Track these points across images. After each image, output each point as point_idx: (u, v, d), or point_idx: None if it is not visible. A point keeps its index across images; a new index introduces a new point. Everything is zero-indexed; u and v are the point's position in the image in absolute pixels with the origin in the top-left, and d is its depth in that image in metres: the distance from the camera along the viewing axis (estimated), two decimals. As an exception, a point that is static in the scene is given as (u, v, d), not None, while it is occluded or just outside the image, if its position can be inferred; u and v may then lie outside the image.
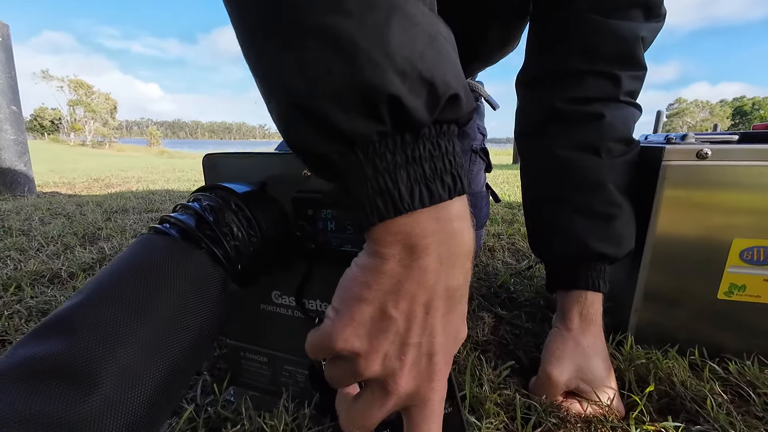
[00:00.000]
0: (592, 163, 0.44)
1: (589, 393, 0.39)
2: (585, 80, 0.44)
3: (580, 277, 0.44)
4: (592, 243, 0.43)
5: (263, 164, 0.37)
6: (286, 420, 0.33)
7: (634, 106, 0.45)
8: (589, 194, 0.44)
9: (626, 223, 0.44)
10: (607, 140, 0.43)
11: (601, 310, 0.44)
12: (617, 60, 0.43)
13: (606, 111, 0.43)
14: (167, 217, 0.29)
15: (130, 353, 0.22)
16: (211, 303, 0.28)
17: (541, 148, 0.48)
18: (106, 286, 0.24)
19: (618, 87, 0.43)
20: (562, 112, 0.45)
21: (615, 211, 0.43)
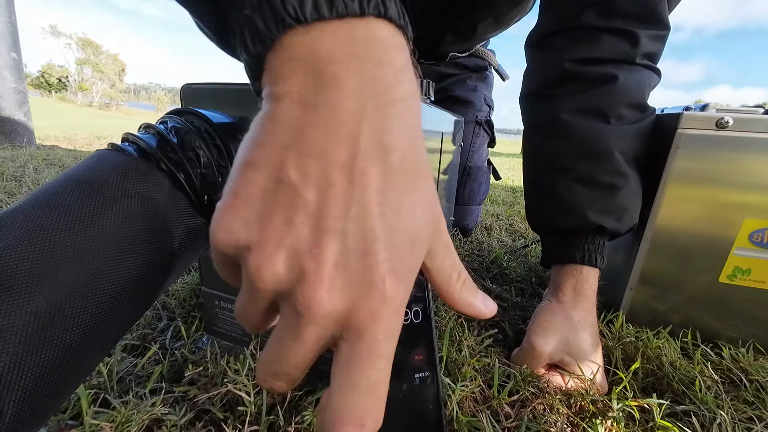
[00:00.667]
0: (599, 130, 0.40)
1: (573, 366, 0.37)
2: (599, 39, 0.40)
3: (576, 250, 0.42)
4: (592, 214, 0.40)
5: (246, 97, 0.34)
6: (251, 365, 0.31)
7: (653, 70, 0.41)
8: (593, 163, 0.40)
9: (631, 196, 0.41)
10: (618, 105, 0.39)
11: (596, 286, 0.42)
12: (636, 16, 0.38)
13: (620, 73, 0.39)
14: (127, 135, 0.27)
15: (68, 268, 0.20)
16: (168, 233, 0.25)
17: (545, 112, 0.44)
18: (46, 195, 0.22)
19: (635, 47, 0.39)
20: (571, 74, 0.41)
21: (620, 182, 0.40)
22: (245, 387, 0.29)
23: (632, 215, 0.42)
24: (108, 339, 0.23)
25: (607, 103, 0.40)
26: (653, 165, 0.43)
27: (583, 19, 0.40)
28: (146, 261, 0.24)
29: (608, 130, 0.40)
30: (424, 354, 0.32)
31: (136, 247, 0.23)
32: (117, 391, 0.31)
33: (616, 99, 0.39)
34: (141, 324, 0.42)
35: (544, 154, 0.45)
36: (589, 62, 0.40)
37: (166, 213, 0.25)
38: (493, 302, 0.20)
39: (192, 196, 0.27)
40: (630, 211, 0.41)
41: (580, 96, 0.41)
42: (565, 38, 0.42)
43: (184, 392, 0.31)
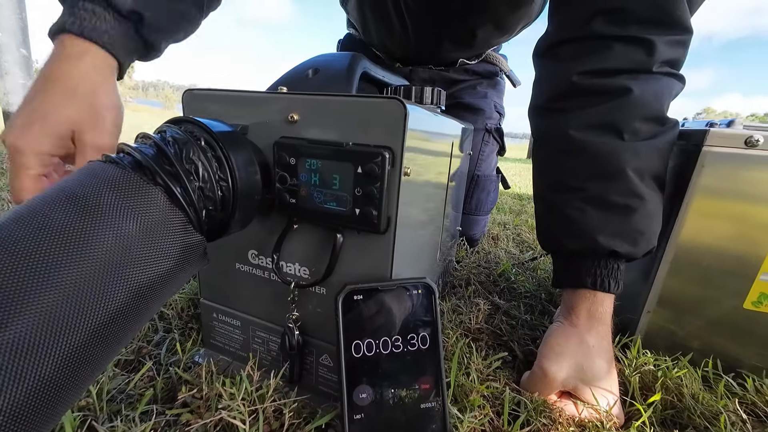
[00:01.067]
0: (612, 147, 0.37)
1: (587, 394, 0.35)
2: (610, 48, 0.37)
3: (587, 275, 0.39)
4: (603, 238, 0.38)
5: (247, 103, 0.33)
6: (248, 389, 0.30)
7: (674, 77, 0.38)
8: (604, 182, 0.38)
9: (648, 218, 0.38)
10: (632, 119, 0.37)
11: (611, 309, 0.40)
12: (652, 21, 0.35)
13: (634, 85, 0.36)
14: (122, 146, 0.25)
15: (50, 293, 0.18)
16: (163, 252, 0.24)
17: (554, 127, 0.41)
18: (32, 211, 0.20)
19: (651, 55, 0.36)
20: (581, 88, 0.39)
21: (634, 203, 0.37)
22: (241, 415, 0.28)
23: (649, 238, 0.39)
24: (94, 368, 0.21)
25: (621, 117, 0.37)
26: (676, 181, 0.41)
27: (592, 28, 0.38)
28: (138, 284, 0.22)
29: (622, 147, 0.37)
30: (431, 383, 0.30)
31: (129, 270, 0.21)
32: (106, 413, 0.30)
33: (630, 113, 0.37)
34: (136, 337, 0.41)
35: (553, 172, 0.42)
36: (599, 74, 0.38)
37: (161, 231, 0.23)
38: None
39: (189, 211, 0.25)
40: (646, 234, 0.38)
41: (591, 111, 0.38)
42: (574, 48, 0.40)
43: (176, 416, 0.30)
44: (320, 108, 0.30)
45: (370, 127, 0.28)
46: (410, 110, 0.28)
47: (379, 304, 0.30)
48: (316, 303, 0.35)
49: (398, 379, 0.29)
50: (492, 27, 0.69)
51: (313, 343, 0.36)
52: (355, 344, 0.29)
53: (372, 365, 0.29)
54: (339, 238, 0.31)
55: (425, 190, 0.37)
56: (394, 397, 0.29)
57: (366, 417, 0.28)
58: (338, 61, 0.39)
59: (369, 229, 0.29)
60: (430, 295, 0.31)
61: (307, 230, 0.33)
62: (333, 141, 0.29)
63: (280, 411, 0.31)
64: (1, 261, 0.18)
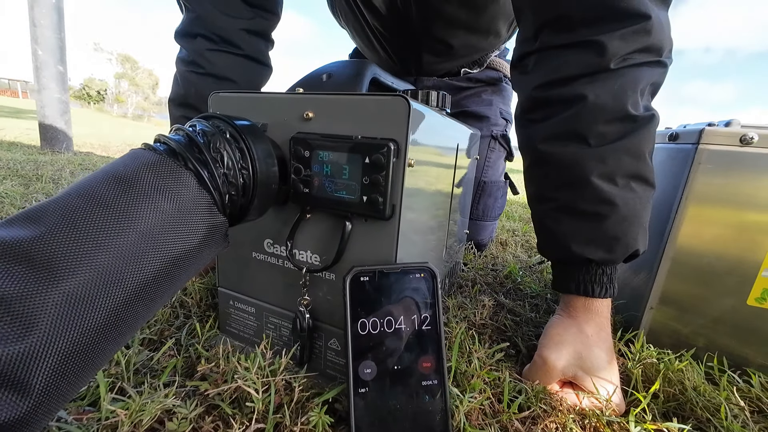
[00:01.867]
0: (575, 156, 0.37)
1: (587, 383, 0.36)
2: (559, 57, 0.37)
3: (571, 281, 0.40)
4: (576, 246, 0.38)
5: (267, 103, 0.36)
6: (261, 364, 0.32)
7: (645, 65, 0.36)
8: (572, 191, 0.38)
9: (623, 222, 0.37)
10: (594, 124, 0.36)
11: (608, 302, 0.40)
12: (598, 20, 0.34)
13: (589, 90, 0.35)
14: (159, 136, 0.29)
15: (101, 255, 0.21)
16: (192, 229, 0.27)
17: (526, 140, 0.42)
18: (85, 186, 0.23)
19: (603, 55, 0.35)
20: (539, 101, 0.39)
21: (604, 210, 0.36)
22: (254, 384, 0.30)
23: (627, 243, 0.37)
24: (129, 327, 0.24)
25: (581, 125, 0.36)
26: (673, 180, 0.42)
27: (542, 40, 0.38)
28: (171, 255, 0.25)
29: (586, 155, 0.36)
30: (432, 361, 0.32)
31: (163, 241, 0.24)
32: (133, 382, 0.32)
33: (590, 118, 0.36)
34: (159, 320, 0.44)
35: (532, 183, 0.44)
36: (554, 85, 0.38)
37: (191, 209, 0.26)
38: None
39: (215, 194, 0.28)
40: (623, 240, 0.37)
41: (553, 121, 0.38)
42: (533, 61, 0.40)
43: (195, 387, 0.32)
44: (333, 106, 0.33)
45: (377, 122, 0.31)
46: (414, 106, 0.30)
47: (383, 285, 0.32)
48: (326, 289, 0.37)
49: (401, 357, 0.31)
50: (464, 32, 0.71)
51: (322, 328, 0.38)
52: (360, 322, 0.31)
53: (376, 343, 0.31)
54: (347, 226, 0.34)
55: (429, 182, 0.40)
56: (397, 373, 0.31)
57: (370, 391, 0.30)
58: (349, 67, 0.43)
59: (375, 215, 0.32)
60: (432, 278, 0.33)
61: (319, 220, 0.36)
62: (344, 135, 0.32)
63: (290, 387, 0.33)
64: (65, 228, 0.21)
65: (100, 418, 0.27)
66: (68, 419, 0.26)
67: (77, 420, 0.26)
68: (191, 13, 0.59)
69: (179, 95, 0.63)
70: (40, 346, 0.18)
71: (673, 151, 0.44)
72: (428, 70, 0.82)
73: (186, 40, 0.61)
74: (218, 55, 0.60)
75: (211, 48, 0.60)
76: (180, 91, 0.63)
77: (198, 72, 0.61)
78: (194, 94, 0.61)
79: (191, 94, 0.62)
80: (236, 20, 0.59)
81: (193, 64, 0.61)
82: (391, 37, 0.75)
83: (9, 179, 1.14)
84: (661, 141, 0.47)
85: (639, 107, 0.36)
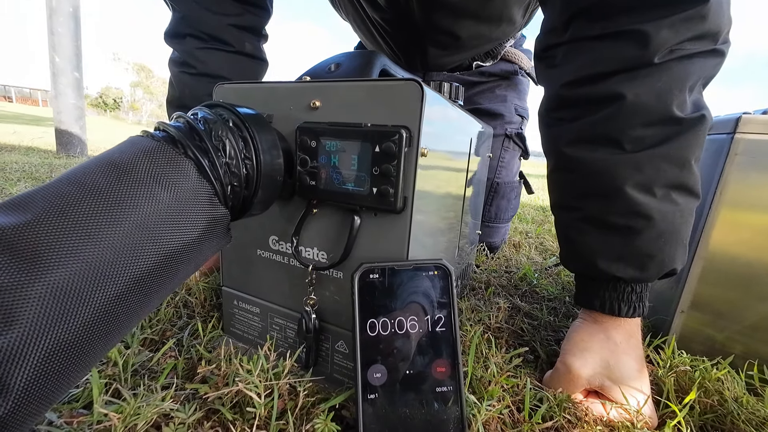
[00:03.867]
0: (608, 161, 0.32)
1: (615, 393, 0.33)
2: (594, 50, 0.32)
3: (595, 298, 0.36)
4: (603, 262, 0.34)
5: (273, 93, 0.35)
6: (264, 367, 0.30)
7: (698, 56, 0.31)
8: (602, 202, 0.34)
9: (658, 239, 0.32)
10: (630, 128, 0.31)
11: None
12: (643, 5, 0.29)
13: (627, 88, 0.31)
14: (159, 124, 0.27)
15: (91, 246, 0.20)
16: (191, 221, 0.25)
17: (551, 142, 0.38)
18: (77, 173, 0.22)
19: (646, 47, 0.30)
20: (567, 99, 0.35)
21: (637, 224, 0.32)
22: (256, 388, 0.28)
23: (662, 261, 0.33)
24: (122, 325, 0.22)
25: (615, 127, 0.32)
26: (706, 175, 0.39)
27: (574, 31, 0.33)
28: (168, 248, 0.23)
29: (620, 161, 0.32)
30: (446, 365, 0.29)
31: (160, 232, 0.23)
32: (130, 384, 0.31)
33: (626, 121, 0.31)
34: (161, 320, 0.42)
35: (556, 188, 0.39)
36: (585, 82, 0.33)
37: (190, 200, 0.25)
38: None
39: (216, 184, 0.27)
40: (658, 257, 0.33)
41: (582, 123, 0.34)
42: (563, 52, 0.35)
43: (195, 389, 0.30)
44: (341, 93, 0.31)
45: (388, 108, 0.29)
46: (427, 92, 0.28)
47: (394, 283, 0.30)
48: (333, 289, 0.35)
49: (413, 361, 0.29)
50: (473, 21, 0.66)
51: (328, 329, 0.36)
52: (370, 323, 0.29)
53: (387, 345, 0.29)
54: (356, 221, 0.32)
55: (443, 175, 0.38)
56: (409, 378, 0.28)
57: (380, 397, 0.28)
58: (358, 58, 0.41)
59: (386, 207, 0.30)
60: (446, 276, 0.31)
61: (326, 215, 0.34)
62: (352, 123, 0.30)
63: (295, 391, 0.31)
64: (54, 216, 0.19)
65: (92, 422, 0.25)
66: (58, 422, 0.25)
67: (68, 423, 0.25)
68: (177, 13, 0.58)
69: (175, 97, 0.62)
70: (21, 342, 0.17)
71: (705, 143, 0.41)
72: (435, 65, 0.78)
73: (175, 41, 0.60)
74: (209, 53, 0.59)
75: (201, 47, 0.59)
76: (175, 93, 0.62)
77: (190, 72, 0.59)
78: (189, 95, 0.60)
79: (186, 95, 0.61)
80: (223, 17, 0.58)
81: (185, 64, 0.60)
82: (393, 30, 0.71)
83: (23, 181, 1.16)
84: (690, 133, 0.44)
85: (686, 107, 0.31)
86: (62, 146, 2.20)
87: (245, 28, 0.61)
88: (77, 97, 2.20)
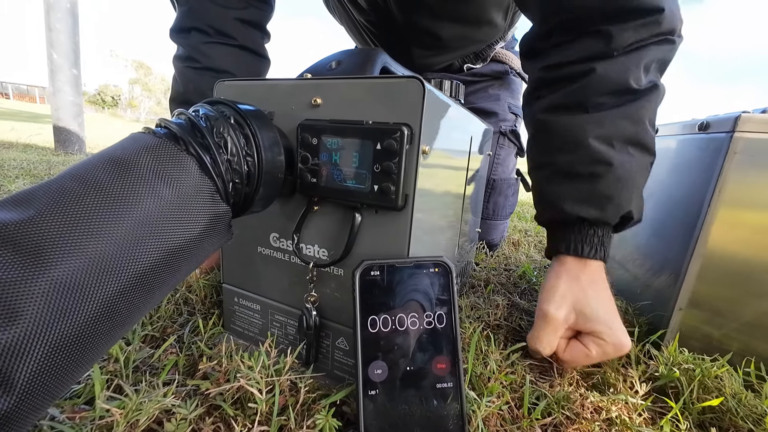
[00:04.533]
0: (574, 120, 0.38)
1: (590, 325, 0.36)
2: (571, 44, 0.38)
3: (561, 241, 0.40)
4: (569, 205, 0.39)
5: (274, 90, 0.35)
6: (265, 363, 0.30)
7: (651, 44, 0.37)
8: (570, 155, 0.39)
9: (617, 183, 0.37)
10: (595, 95, 0.37)
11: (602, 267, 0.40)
12: (609, 16, 0.36)
13: (597, 65, 0.37)
14: (160, 120, 0.27)
15: (94, 241, 0.20)
16: (193, 218, 0.25)
17: (530, 114, 0.44)
18: (80, 170, 0.22)
19: (609, 44, 0.36)
20: (547, 79, 0.41)
21: (599, 170, 0.37)
22: (257, 384, 0.28)
23: (619, 204, 0.38)
24: (125, 321, 0.22)
25: (584, 94, 0.38)
26: (704, 173, 0.40)
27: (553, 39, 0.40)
28: (170, 244, 0.23)
29: (584, 120, 0.38)
30: (447, 362, 0.30)
31: (162, 229, 0.23)
32: (131, 380, 0.31)
33: (593, 89, 0.37)
34: (161, 316, 0.42)
35: (532, 153, 0.45)
36: (562, 65, 0.39)
37: (192, 196, 0.25)
38: None
39: (217, 181, 0.27)
40: (616, 200, 0.37)
41: (557, 94, 0.40)
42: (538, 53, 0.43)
43: (196, 386, 0.30)
44: (342, 90, 0.31)
45: (389, 106, 0.29)
46: (428, 89, 0.28)
47: (395, 280, 0.30)
48: (333, 286, 0.35)
49: (414, 357, 0.29)
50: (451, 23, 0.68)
51: (329, 326, 0.36)
52: (371, 320, 0.29)
53: (387, 342, 0.29)
54: (357, 218, 0.32)
55: (444, 173, 0.38)
56: (409, 374, 0.28)
57: (380, 393, 0.28)
58: (359, 55, 0.41)
59: (387, 205, 0.30)
60: (447, 273, 0.31)
61: (327, 212, 0.34)
62: (353, 120, 0.30)
63: (296, 387, 0.31)
64: (56, 212, 0.19)
65: (94, 418, 0.25)
66: (60, 418, 0.25)
67: (70, 419, 0.25)
68: (183, 7, 0.59)
69: (179, 93, 0.62)
70: (24, 337, 0.17)
71: (704, 142, 0.41)
72: (421, 65, 0.79)
73: (181, 36, 0.60)
74: (214, 48, 0.59)
75: (207, 41, 0.59)
76: (179, 89, 0.62)
77: (195, 67, 0.60)
78: (193, 91, 0.61)
79: (190, 90, 0.61)
80: (228, 10, 0.59)
81: (190, 59, 0.60)
82: (378, 32, 0.74)
83: (21, 178, 1.15)
84: (690, 132, 0.44)
85: (641, 82, 0.37)
86: (60, 143, 2.19)
87: (250, 22, 0.62)
88: (75, 94, 2.18)
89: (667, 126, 0.53)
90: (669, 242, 0.46)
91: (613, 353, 0.35)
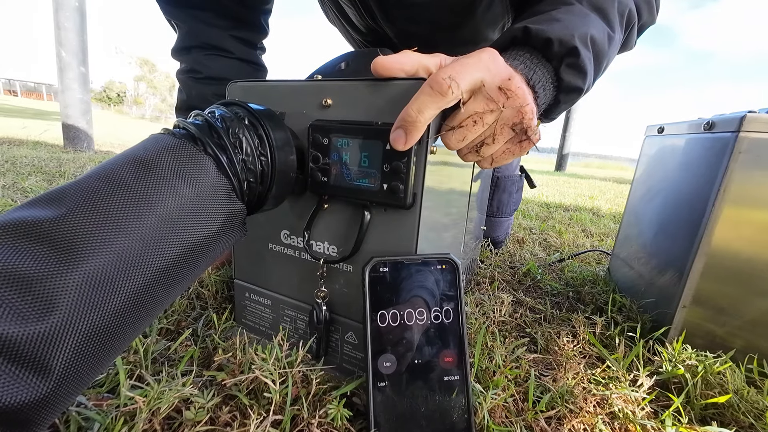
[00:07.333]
0: None
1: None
2: None
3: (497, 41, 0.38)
4: (520, 22, 0.38)
5: (286, 92, 0.36)
6: (278, 356, 0.31)
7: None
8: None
9: (569, 14, 0.38)
10: None
11: None
12: None
13: None
14: (178, 122, 0.28)
15: (121, 237, 0.21)
16: (211, 215, 0.26)
17: None
18: (106, 170, 0.23)
19: None
20: None
21: (560, 7, 0.38)
22: (271, 375, 0.29)
23: (565, 26, 0.37)
24: (148, 312, 0.23)
25: None
26: (709, 172, 0.40)
27: None
28: (190, 241, 0.24)
29: None
30: (453, 355, 0.31)
31: (182, 226, 0.24)
32: (151, 370, 0.32)
33: None
34: (176, 310, 0.44)
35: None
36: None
37: (210, 195, 0.26)
38: None
39: (234, 180, 0.28)
40: (563, 22, 0.37)
41: None
42: None
43: (212, 376, 0.32)
44: (352, 91, 0.32)
45: (398, 107, 0.30)
46: (437, 91, 0.29)
47: (403, 276, 0.31)
48: (343, 281, 0.36)
49: (421, 351, 0.30)
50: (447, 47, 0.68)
51: (339, 321, 0.37)
52: (380, 314, 0.30)
53: (396, 336, 0.30)
54: (366, 216, 0.33)
55: (451, 172, 0.39)
56: (417, 367, 0.29)
57: (389, 385, 0.29)
58: (369, 56, 0.42)
59: (396, 203, 0.31)
60: (454, 270, 0.32)
61: (336, 210, 0.35)
62: (363, 121, 0.31)
63: (307, 379, 0.32)
64: (86, 210, 0.21)
65: (118, 405, 0.26)
66: (88, 404, 0.26)
67: (97, 405, 0.26)
68: (182, 29, 0.64)
69: (182, 101, 0.67)
70: (60, 326, 0.18)
71: (709, 141, 0.42)
72: None
73: (182, 54, 0.65)
74: (214, 59, 0.65)
75: (207, 54, 0.64)
76: (183, 97, 0.67)
77: (197, 77, 0.65)
78: (195, 96, 0.65)
79: (192, 96, 0.66)
80: (223, 29, 0.64)
81: (192, 71, 0.65)
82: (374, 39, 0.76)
83: (34, 175, 1.18)
84: (695, 131, 0.44)
85: None
86: (69, 141, 2.22)
87: (243, 39, 0.67)
88: (83, 91, 2.21)
89: (673, 125, 0.53)
90: (674, 240, 0.46)
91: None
